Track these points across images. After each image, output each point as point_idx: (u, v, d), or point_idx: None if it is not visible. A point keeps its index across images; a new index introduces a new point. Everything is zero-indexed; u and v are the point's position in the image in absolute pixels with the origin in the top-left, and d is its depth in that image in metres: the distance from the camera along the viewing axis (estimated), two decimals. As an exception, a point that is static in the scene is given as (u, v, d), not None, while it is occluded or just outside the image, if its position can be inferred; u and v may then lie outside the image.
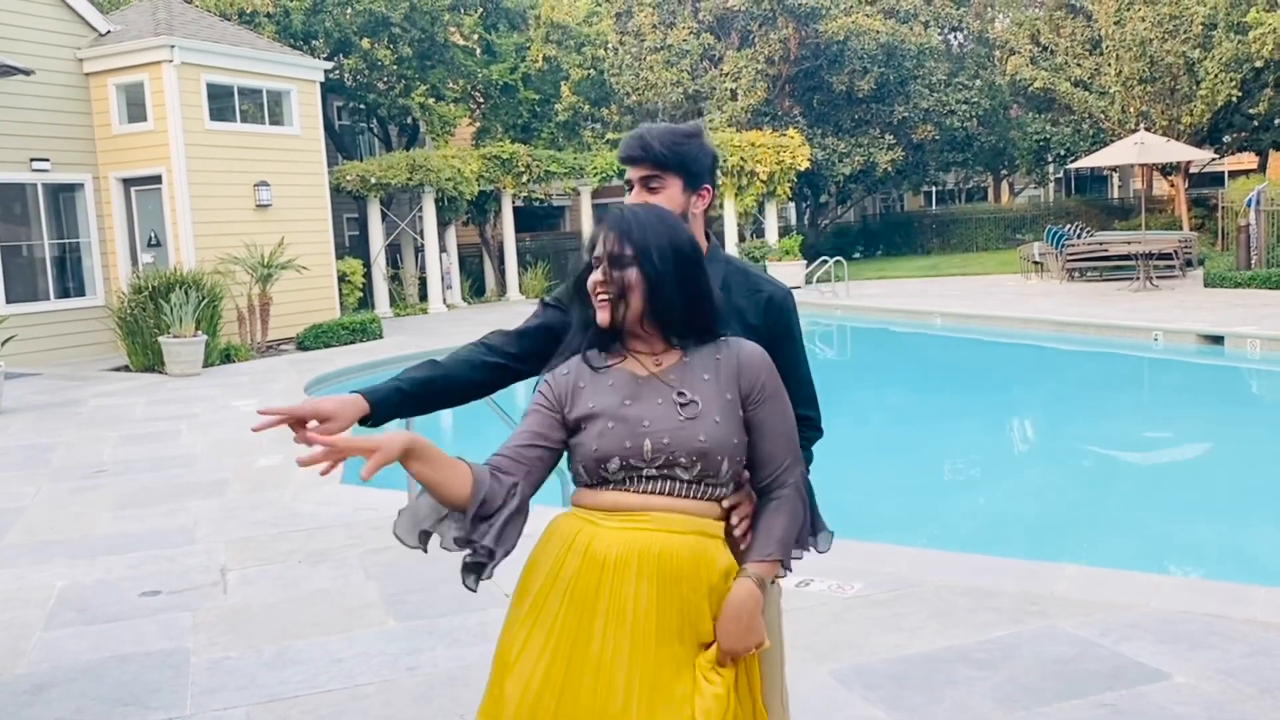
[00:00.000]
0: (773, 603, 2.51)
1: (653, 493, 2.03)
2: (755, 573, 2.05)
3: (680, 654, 1.99)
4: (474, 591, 2.11)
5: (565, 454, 2.15)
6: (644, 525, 2.01)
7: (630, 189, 2.47)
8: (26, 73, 14.67)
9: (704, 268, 2.16)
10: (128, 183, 16.60)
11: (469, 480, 2.00)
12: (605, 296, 2.08)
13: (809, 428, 2.48)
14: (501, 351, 2.41)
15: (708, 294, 2.13)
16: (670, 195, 2.42)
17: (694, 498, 2.04)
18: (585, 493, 2.10)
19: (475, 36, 27.11)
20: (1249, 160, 31.67)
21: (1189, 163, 25.98)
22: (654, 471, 2.03)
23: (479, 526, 2.01)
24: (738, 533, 2.11)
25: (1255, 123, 26.05)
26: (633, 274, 2.06)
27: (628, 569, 1.99)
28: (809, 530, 2.22)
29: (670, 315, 2.09)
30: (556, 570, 2.04)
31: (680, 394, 2.06)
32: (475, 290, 25.49)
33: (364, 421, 2.32)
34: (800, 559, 2.21)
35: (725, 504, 2.09)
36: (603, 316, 2.09)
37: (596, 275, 2.10)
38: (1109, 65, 25.55)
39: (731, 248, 23.54)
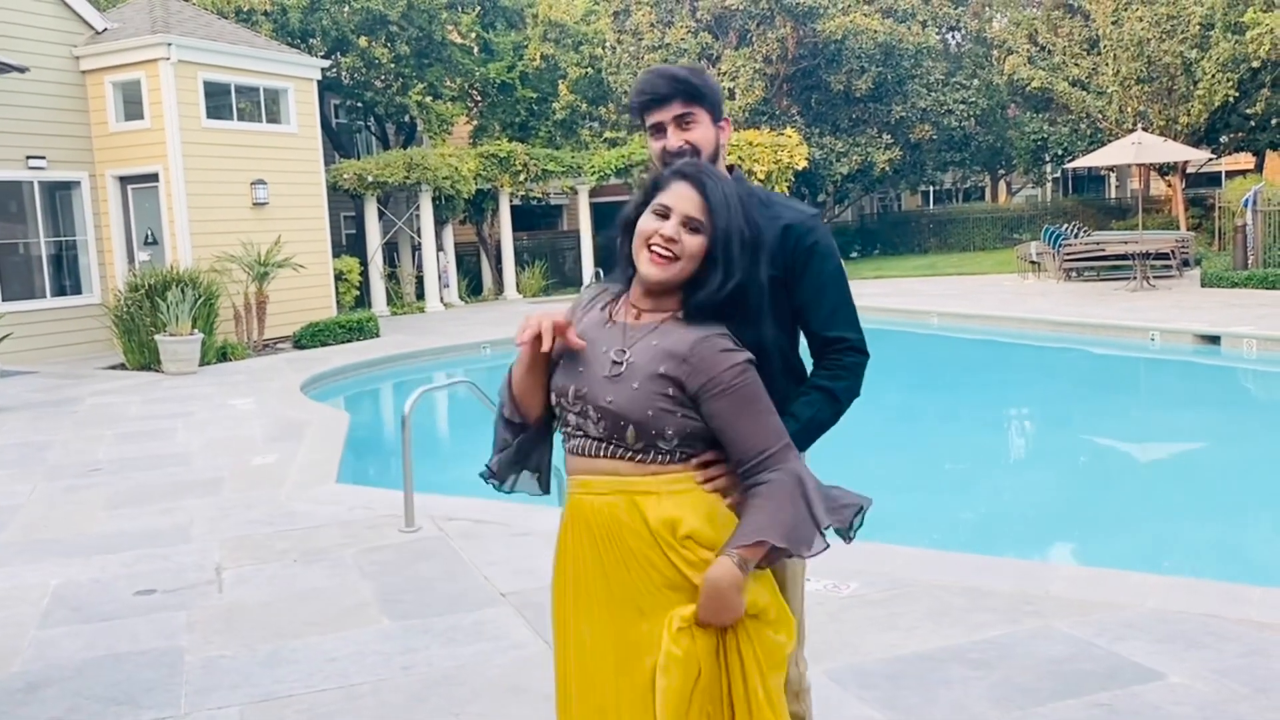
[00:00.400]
0: (796, 578, 2.49)
1: (574, 452, 2.12)
2: (737, 551, 1.99)
3: (645, 602, 2.03)
4: (546, 493, 2.33)
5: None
6: (579, 490, 2.12)
7: (656, 134, 2.37)
8: (22, 70, 14.64)
9: (761, 265, 2.09)
10: (124, 181, 16.58)
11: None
12: (668, 255, 2.03)
13: (847, 350, 2.37)
14: None
15: (757, 287, 2.08)
16: (704, 131, 2.38)
17: (605, 456, 2.06)
18: None
19: (473, 35, 27.11)
20: (1246, 160, 31.70)
21: (1186, 163, 26.00)
22: (572, 419, 2.10)
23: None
24: (707, 487, 2.06)
25: (1252, 123, 26.08)
26: (700, 244, 2.02)
27: (571, 533, 2.13)
28: (810, 521, 2.03)
29: (711, 298, 2.04)
30: (557, 542, 2.23)
31: (620, 351, 2.06)
32: (472, 289, 25.47)
33: None
34: (818, 547, 2.03)
35: (694, 461, 2.06)
36: (655, 271, 2.03)
37: (666, 229, 2.02)
38: (1106, 65, 25.57)
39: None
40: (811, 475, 2.09)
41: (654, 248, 2.02)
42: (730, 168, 2.47)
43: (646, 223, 2.04)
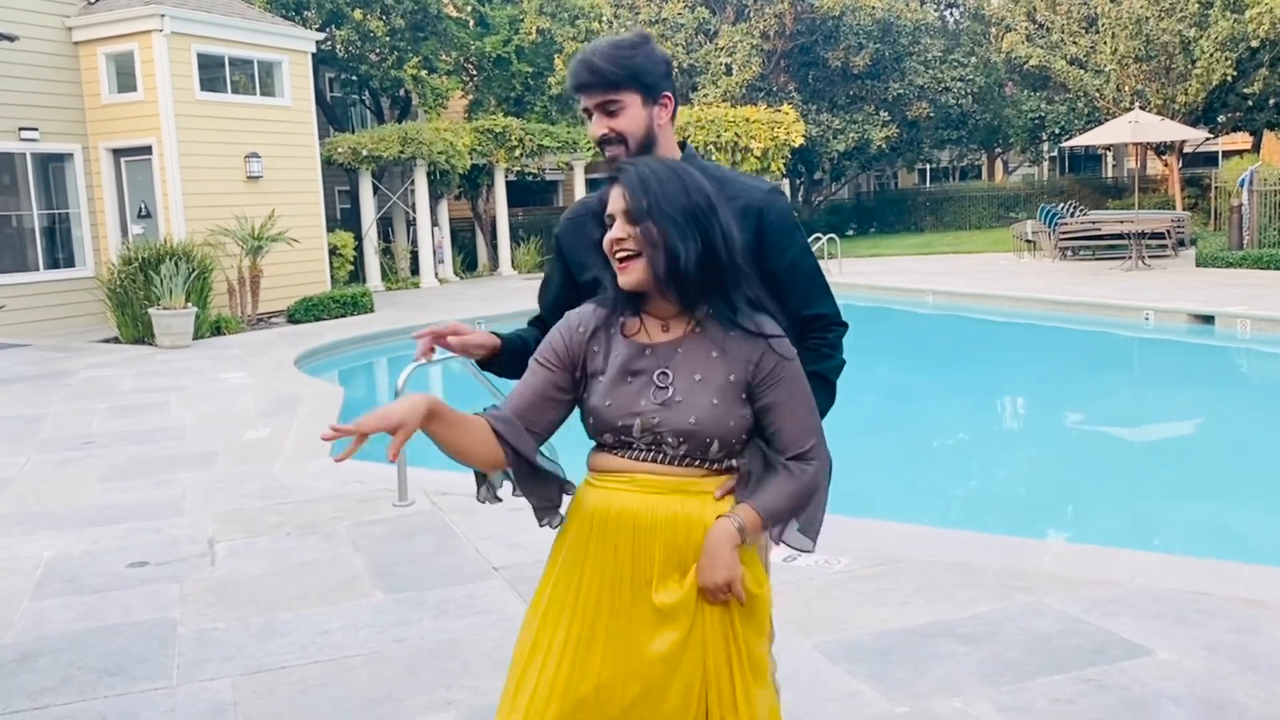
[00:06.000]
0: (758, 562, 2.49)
1: (640, 459, 2.05)
2: (739, 516, 2.01)
3: (660, 605, 2.02)
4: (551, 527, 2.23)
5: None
6: (625, 486, 2.05)
7: (589, 118, 2.33)
8: (10, 39, 14.52)
9: (719, 224, 2.03)
10: (118, 153, 16.48)
11: (492, 441, 2.05)
12: (626, 254, 2.01)
13: (828, 326, 2.37)
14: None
15: (726, 251, 2.03)
16: (632, 115, 2.30)
17: (679, 465, 2.04)
18: (591, 454, 2.16)
19: (468, 8, 26.88)
20: (1243, 140, 31.65)
21: (1183, 142, 25.96)
22: (643, 446, 2.05)
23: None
24: (717, 493, 2.06)
25: (1250, 103, 26.02)
26: (651, 228, 1.99)
27: (608, 526, 2.05)
28: (816, 522, 2.11)
29: (686, 274, 1.99)
30: (563, 537, 2.14)
31: (663, 374, 2.03)
32: (467, 265, 25.41)
33: (487, 359, 2.40)
34: (801, 548, 2.11)
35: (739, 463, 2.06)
36: (625, 278, 2.02)
37: (614, 232, 2.01)
38: (1105, 43, 25.48)
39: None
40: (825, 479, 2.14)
41: (615, 255, 2.03)
42: (682, 144, 2.41)
43: (607, 236, 2.04)
